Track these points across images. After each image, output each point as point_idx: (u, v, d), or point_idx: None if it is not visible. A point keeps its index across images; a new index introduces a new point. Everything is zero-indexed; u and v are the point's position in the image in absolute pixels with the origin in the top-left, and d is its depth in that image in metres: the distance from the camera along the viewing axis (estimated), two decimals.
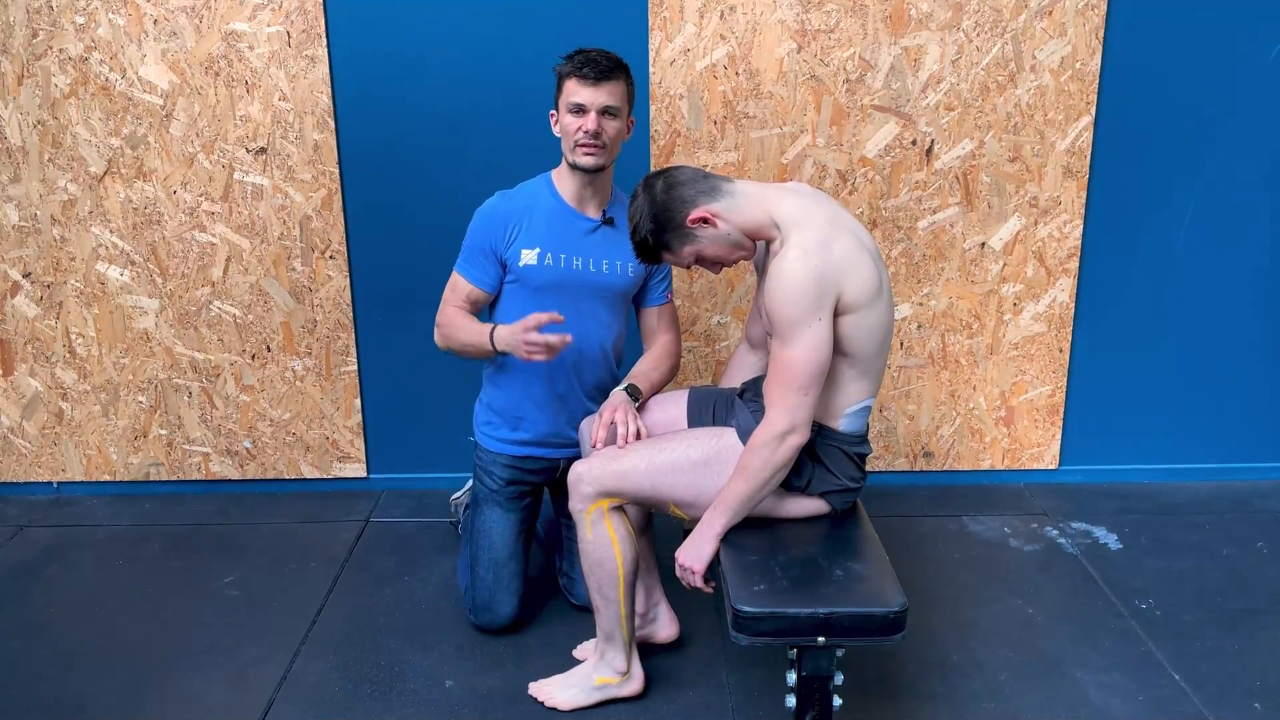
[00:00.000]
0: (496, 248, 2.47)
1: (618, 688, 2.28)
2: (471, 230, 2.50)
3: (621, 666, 2.27)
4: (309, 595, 2.75)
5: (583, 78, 2.31)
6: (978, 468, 3.31)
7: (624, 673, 2.27)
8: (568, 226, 2.46)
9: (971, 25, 2.91)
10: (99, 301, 3.14)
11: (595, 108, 2.32)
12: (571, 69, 2.34)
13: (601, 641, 2.27)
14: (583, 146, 2.35)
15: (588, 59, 2.33)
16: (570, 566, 2.64)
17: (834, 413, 2.07)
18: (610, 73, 2.33)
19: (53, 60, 2.94)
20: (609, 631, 2.24)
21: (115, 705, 2.32)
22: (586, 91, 2.31)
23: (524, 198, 2.49)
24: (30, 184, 3.04)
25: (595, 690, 2.28)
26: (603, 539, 2.15)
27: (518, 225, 2.46)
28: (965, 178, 3.03)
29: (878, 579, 1.94)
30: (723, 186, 2.06)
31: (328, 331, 3.16)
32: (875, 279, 1.99)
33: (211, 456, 3.28)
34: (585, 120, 2.33)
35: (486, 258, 2.48)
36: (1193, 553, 2.91)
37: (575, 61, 2.34)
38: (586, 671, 2.30)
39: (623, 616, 2.21)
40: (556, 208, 2.47)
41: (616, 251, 2.47)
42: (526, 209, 2.47)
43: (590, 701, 2.28)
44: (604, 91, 2.32)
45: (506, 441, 2.56)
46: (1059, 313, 3.15)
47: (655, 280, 2.58)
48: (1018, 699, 2.31)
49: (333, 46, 2.94)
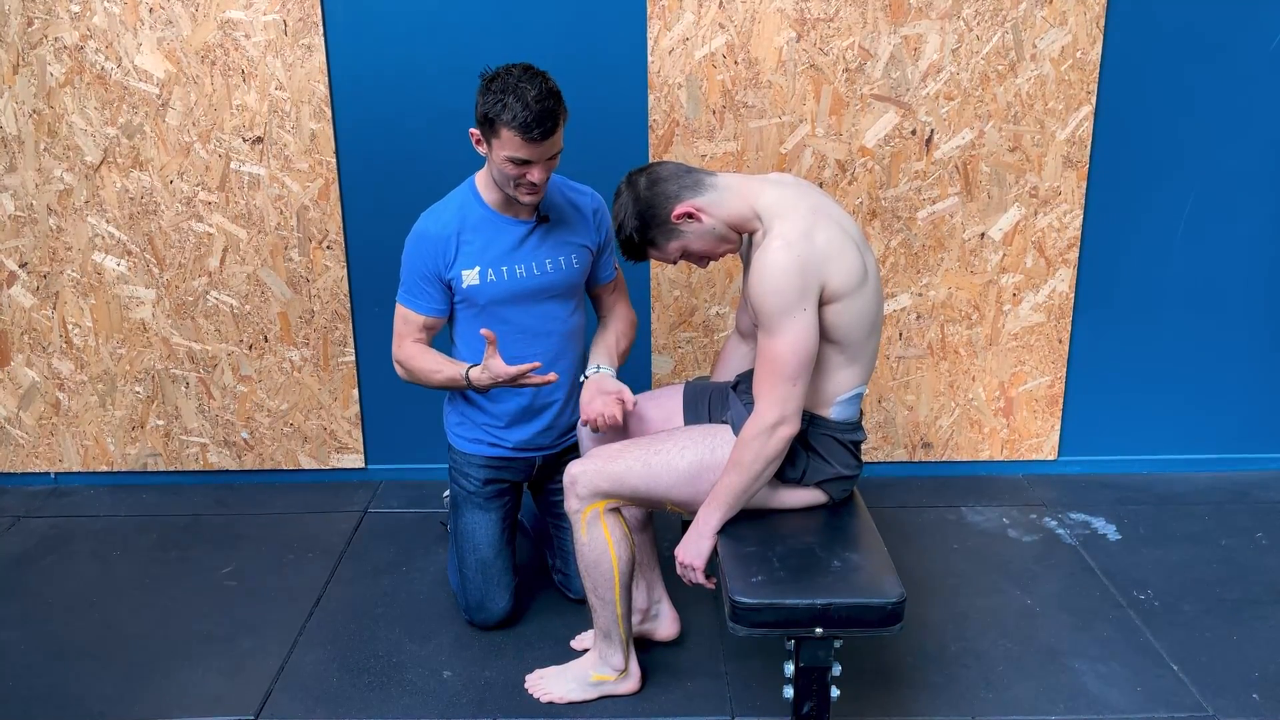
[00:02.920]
0: (439, 272, 2.38)
1: (614, 685, 2.28)
2: (407, 260, 2.40)
3: (619, 664, 2.27)
4: (307, 586, 2.75)
5: (531, 139, 2.14)
6: (976, 458, 3.30)
7: (621, 670, 2.27)
8: (502, 236, 2.37)
9: (971, 14, 2.90)
10: (95, 292, 3.13)
11: (541, 160, 2.20)
12: (516, 126, 2.13)
13: (599, 640, 2.27)
14: (525, 191, 2.26)
15: (532, 115, 2.12)
16: (564, 564, 2.64)
17: (825, 401, 2.07)
18: (555, 126, 2.16)
19: (48, 49, 2.93)
20: (606, 630, 2.24)
21: (112, 695, 2.33)
22: (535, 149, 2.17)
23: (452, 214, 2.38)
24: (26, 174, 3.03)
25: (592, 686, 2.28)
26: (598, 541, 2.14)
27: (454, 245, 2.36)
28: (965, 167, 3.02)
29: (876, 570, 1.94)
30: (706, 180, 2.05)
31: (325, 322, 3.15)
32: (859, 266, 1.98)
33: (209, 447, 3.28)
34: (530, 173, 2.21)
35: (431, 285, 2.39)
36: (1191, 543, 2.91)
37: (519, 115, 2.12)
38: (584, 668, 2.30)
39: (619, 616, 2.21)
40: (487, 218, 2.37)
41: (558, 248, 2.41)
42: (458, 226, 2.37)
43: (586, 697, 2.28)
44: (549, 145, 2.18)
45: (480, 443, 2.53)
46: (1058, 303, 3.15)
47: (602, 258, 2.53)
48: (1016, 689, 2.31)
49: (329, 35, 2.93)
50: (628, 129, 2.98)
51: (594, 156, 2.85)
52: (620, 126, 2.98)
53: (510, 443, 2.53)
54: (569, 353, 2.50)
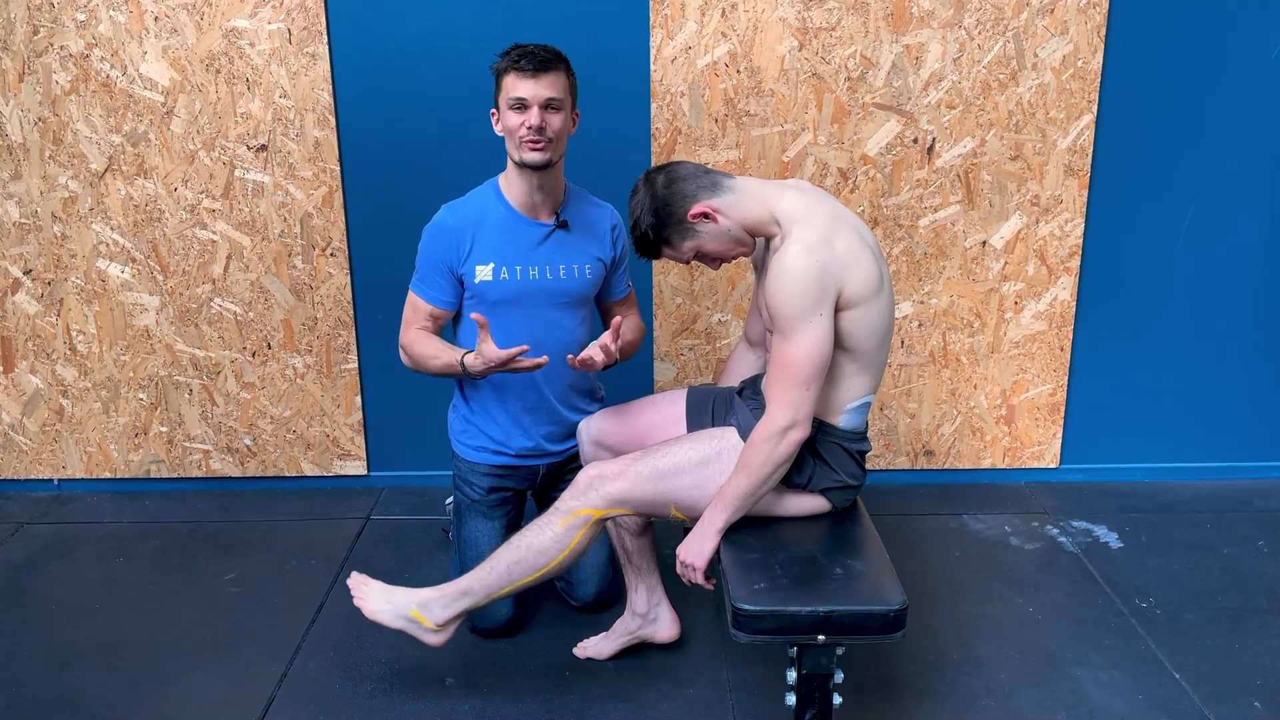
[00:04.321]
0: (452, 264, 2.40)
1: (421, 631, 2.20)
2: (423, 248, 2.43)
3: (441, 619, 2.19)
4: (309, 593, 2.75)
5: (521, 71, 2.24)
6: (978, 466, 3.31)
7: (440, 625, 2.20)
8: (520, 236, 2.40)
9: (973, 23, 2.91)
10: (100, 298, 3.14)
11: (537, 101, 2.26)
12: (509, 63, 2.27)
13: (453, 590, 2.19)
14: (528, 143, 2.29)
15: (525, 51, 2.26)
16: (569, 571, 2.62)
17: (834, 408, 2.07)
18: (549, 64, 2.26)
19: (54, 57, 2.94)
20: (471, 590, 2.18)
21: (115, 702, 2.33)
22: (527, 85, 2.25)
23: (473, 209, 2.42)
24: (31, 181, 3.04)
25: (404, 618, 2.20)
26: (563, 542, 2.12)
27: (470, 239, 2.39)
28: (966, 176, 3.03)
29: (878, 577, 1.94)
30: (724, 182, 2.06)
31: (328, 329, 3.16)
32: (876, 275, 1.99)
33: (212, 454, 3.28)
34: (528, 115, 2.26)
35: (443, 276, 2.42)
36: (1193, 551, 2.91)
37: (512, 56, 2.27)
38: (410, 600, 2.21)
39: (493, 595, 2.17)
40: (506, 217, 2.40)
41: (573, 255, 2.43)
42: (477, 221, 2.40)
43: (392, 625, 2.20)
44: (544, 83, 2.26)
45: (485, 451, 2.54)
46: (1060, 311, 3.15)
47: (616, 275, 2.55)
48: (1017, 697, 2.31)
49: (333, 43, 2.94)
50: (631, 137, 2.99)
51: (597, 165, 2.86)
52: (623, 135, 2.99)
53: (514, 450, 2.53)
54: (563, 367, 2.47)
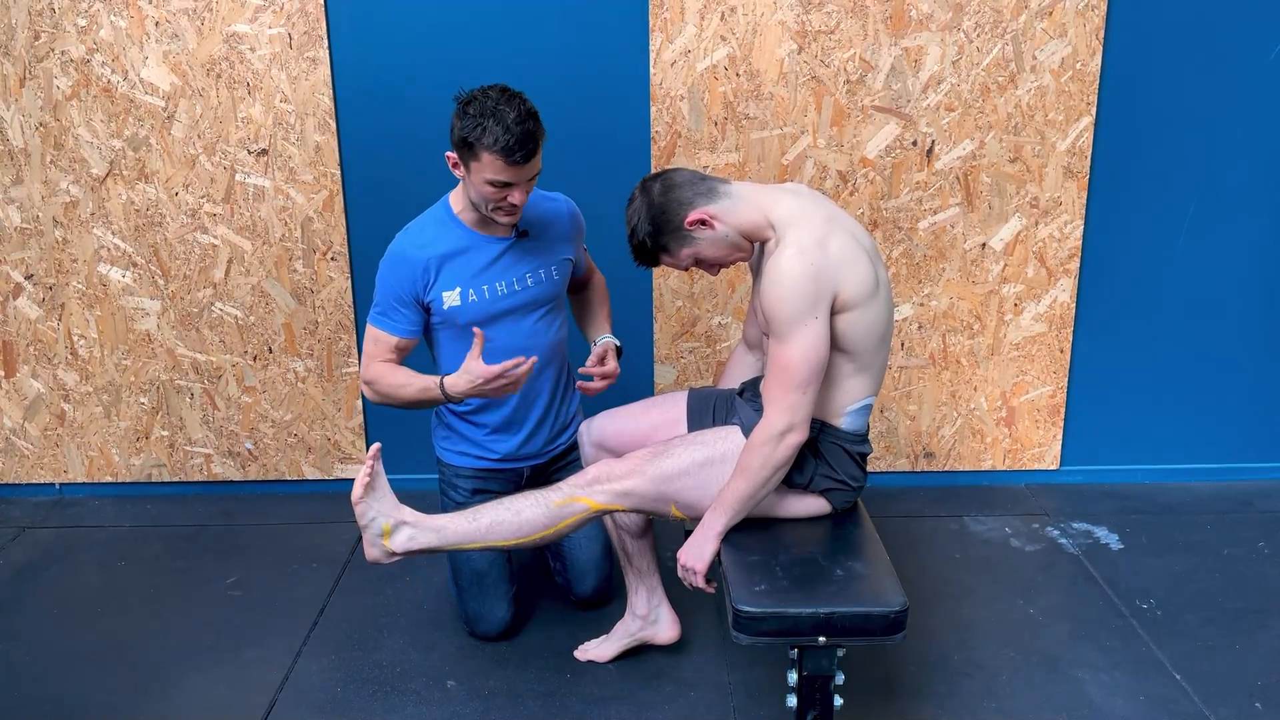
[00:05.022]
0: (416, 294, 2.35)
1: (375, 542, 2.15)
2: (382, 280, 2.37)
3: (401, 547, 2.14)
4: (311, 596, 2.75)
5: (514, 163, 2.14)
6: (979, 468, 3.31)
7: (396, 551, 2.15)
8: (481, 255, 2.37)
9: (972, 26, 2.92)
10: (101, 303, 3.14)
11: (520, 182, 2.19)
12: (498, 150, 2.12)
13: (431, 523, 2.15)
14: (505, 212, 2.26)
15: (514, 138, 2.10)
16: (565, 566, 2.63)
17: (835, 410, 2.08)
18: (536, 149, 2.16)
19: (55, 62, 2.95)
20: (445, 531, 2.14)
21: (117, 706, 2.33)
22: (517, 172, 2.16)
23: (429, 235, 2.37)
24: (32, 186, 3.05)
25: (374, 525, 2.14)
26: (553, 519, 2.11)
27: (434, 268, 2.34)
28: (966, 178, 3.04)
29: (878, 579, 1.94)
30: (720, 188, 2.06)
31: (329, 333, 3.17)
32: (872, 277, 1.99)
33: (213, 457, 3.29)
34: (512, 194, 2.21)
35: (407, 307, 2.36)
36: (1194, 553, 2.91)
37: (500, 139, 2.11)
38: (392, 515, 2.14)
39: (465, 545, 2.14)
40: (464, 238, 2.36)
41: (538, 260, 2.41)
42: (437, 248, 2.35)
43: (360, 520, 2.14)
44: (530, 167, 2.18)
45: (467, 455, 2.55)
46: (1060, 313, 3.16)
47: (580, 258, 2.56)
48: (1018, 698, 2.32)
49: (334, 48, 2.95)
50: (630, 141, 3.00)
51: (596, 168, 2.87)
52: (623, 138, 2.99)
53: (497, 454, 2.54)
54: (553, 364, 2.52)
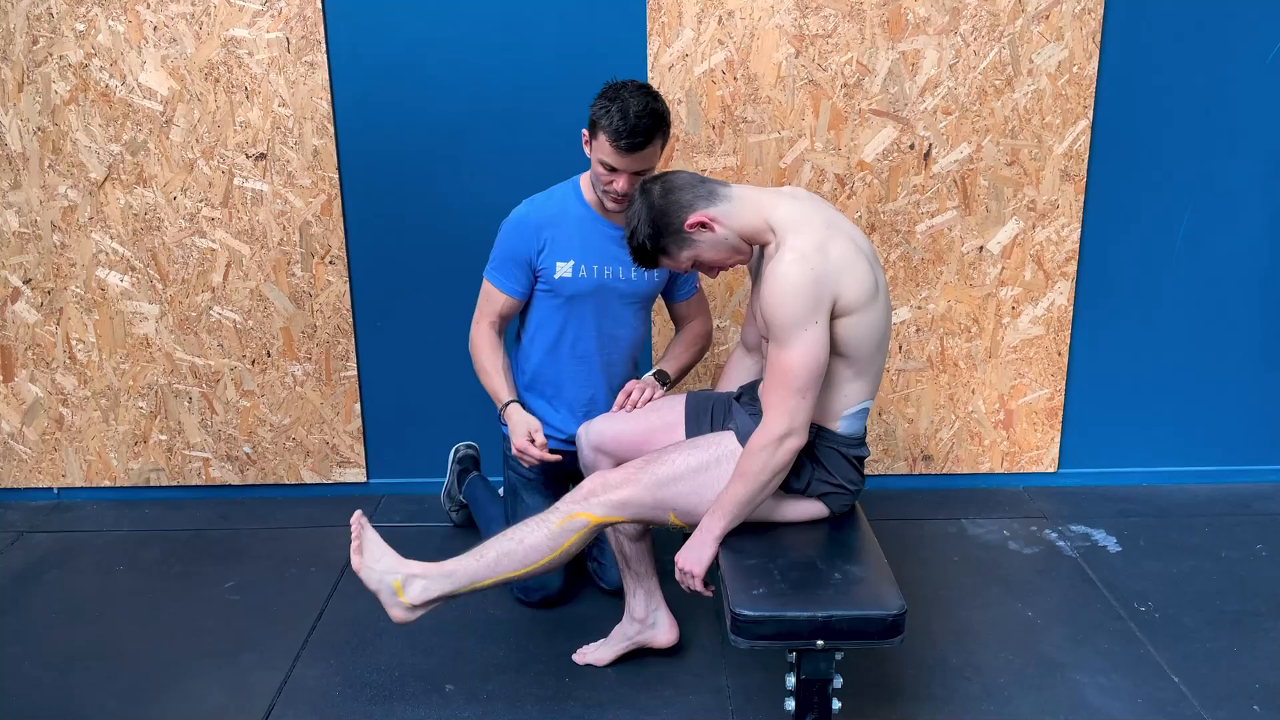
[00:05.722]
0: (529, 257, 2.51)
1: (394, 604, 2.16)
2: (501, 239, 2.54)
3: (418, 599, 2.16)
4: (309, 600, 2.75)
5: (619, 148, 2.26)
6: (977, 471, 3.31)
7: (414, 604, 2.16)
8: (598, 236, 2.51)
9: (969, 29, 2.92)
10: (99, 307, 3.14)
11: (627, 172, 2.32)
12: (609, 131, 2.25)
13: (436, 570, 2.16)
14: (611, 198, 2.39)
15: (629, 125, 2.23)
16: (600, 553, 2.70)
17: (832, 414, 2.08)
18: (648, 143, 2.27)
19: (53, 67, 2.95)
20: (455, 575, 2.15)
21: (115, 710, 2.33)
22: (622, 159, 2.29)
23: (553, 206, 2.52)
24: (31, 190, 3.05)
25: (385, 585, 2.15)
26: (555, 541, 2.12)
27: (549, 235, 2.50)
28: (963, 181, 3.04)
29: (876, 582, 1.94)
30: (720, 191, 2.06)
31: (327, 337, 3.17)
32: (871, 281, 2.00)
33: (211, 462, 3.29)
34: (616, 181, 2.34)
35: (519, 267, 2.53)
36: (1192, 555, 2.91)
37: (614, 122, 2.23)
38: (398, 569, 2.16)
39: (478, 584, 2.15)
40: (585, 216, 2.50)
41: None
42: (556, 218, 2.51)
43: (370, 585, 2.16)
44: (637, 159, 2.29)
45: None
46: (1057, 316, 3.16)
47: (684, 278, 2.67)
48: (1017, 701, 2.32)
49: (332, 52, 2.95)
50: None
51: None
52: None
53: (563, 435, 2.62)
54: (626, 359, 2.65)
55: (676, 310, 2.71)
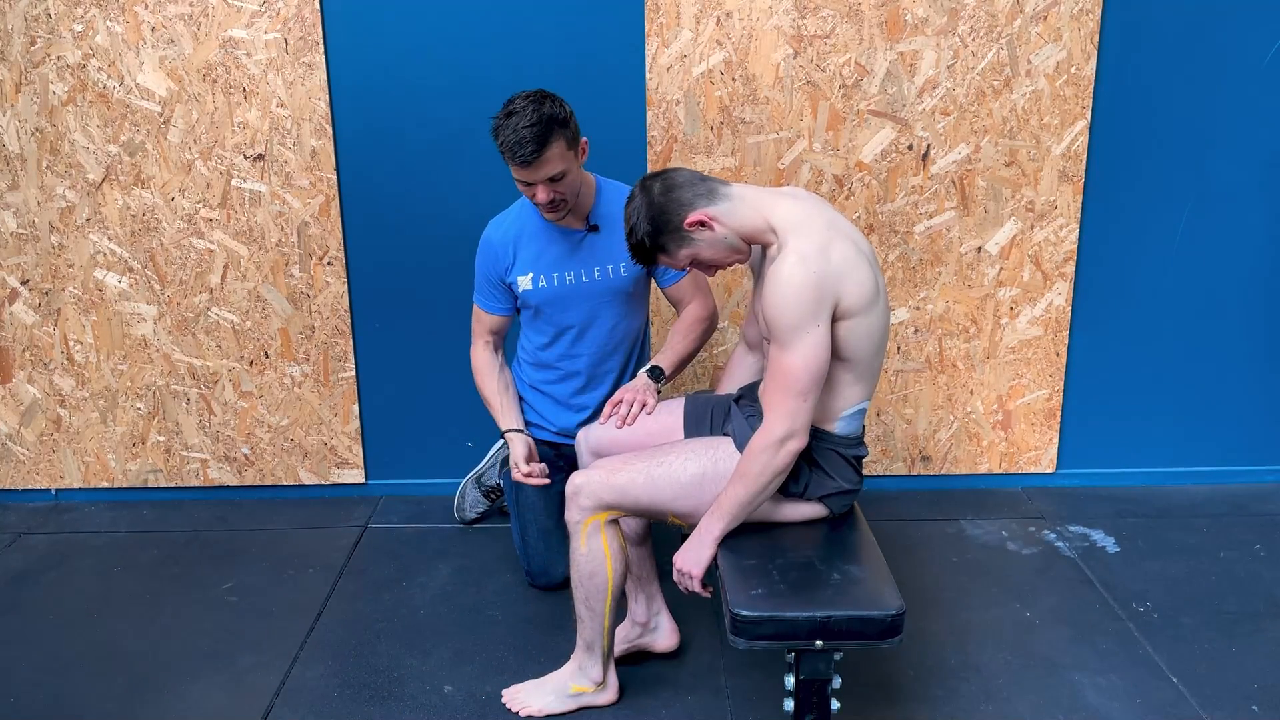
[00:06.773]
0: (500, 275, 2.59)
1: (592, 696, 2.28)
2: (477, 264, 2.63)
3: (598, 677, 2.27)
4: (307, 601, 2.75)
5: (516, 163, 2.29)
6: (975, 471, 3.31)
7: (599, 683, 2.27)
8: (554, 244, 2.55)
9: (967, 30, 2.92)
10: (97, 308, 3.14)
11: (539, 182, 2.34)
12: (504, 150, 2.29)
13: (581, 651, 2.26)
14: (542, 209, 2.43)
15: (518, 138, 2.25)
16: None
17: (830, 416, 2.08)
18: (540, 151, 2.27)
19: (51, 68, 2.95)
20: (590, 642, 2.24)
21: (113, 712, 2.32)
22: (524, 172, 2.33)
23: (511, 223, 2.59)
24: (28, 191, 3.05)
25: (570, 698, 2.28)
26: (596, 553, 2.15)
27: (511, 252, 2.57)
28: (962, 182, 3.04)
29: (875, 582, 1.94)
30: (720, 190, 2.06)
31: (326, 338, 3.17)
32: (872, 284, 2.00)
33: (210, 463, 3.29)
34: (535, 192, 2.37)
35: (495, 287, 2.61)
36: (1190, 556, 2.92)
37: (506, 139, 2.27)
38: (563, 680, 2.29)
39: (605, 629, 2.22)
40: (540, 227, 2.56)
41: (606, 256, 2.56)
42: (515, 234, 2.57)
43: (564, 709, 2.28)
44: (539, 168, 2.31)
45: (533, 426, 2.71)
46: (1056, 316, 3.16)
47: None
48: (1015, 702, 2.32)
49: (330, 53, 2.95)
50: (626, 145, 3.00)
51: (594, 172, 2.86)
52: (619, 143, 2.99)
53: (555, 428, 2.69)
54: (618, 354, 2.67)
55: (670, 295, 2.69)
